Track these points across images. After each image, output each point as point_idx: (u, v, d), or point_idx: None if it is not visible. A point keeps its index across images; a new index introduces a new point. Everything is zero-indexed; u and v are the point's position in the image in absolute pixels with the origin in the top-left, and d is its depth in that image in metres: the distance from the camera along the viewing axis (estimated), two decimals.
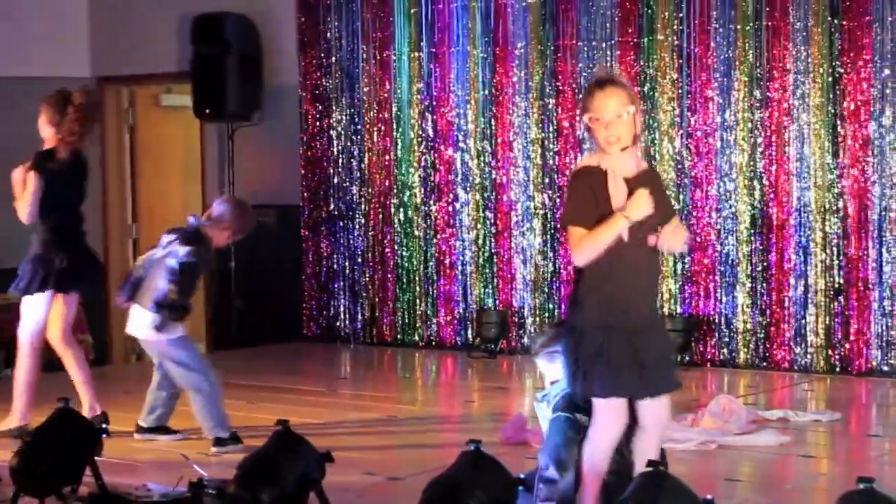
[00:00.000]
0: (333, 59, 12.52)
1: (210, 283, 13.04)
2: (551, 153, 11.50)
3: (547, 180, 11.52)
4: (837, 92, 10.26)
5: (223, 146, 12.96)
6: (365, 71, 12.40)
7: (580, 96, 10.84)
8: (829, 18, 10.26)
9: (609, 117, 5.32)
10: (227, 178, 12.88)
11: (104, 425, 7.19)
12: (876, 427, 8.78)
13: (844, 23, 10.22)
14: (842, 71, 10.24)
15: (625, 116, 5.33)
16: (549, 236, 11.50)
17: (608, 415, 5.38)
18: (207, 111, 12.46)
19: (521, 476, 5.58)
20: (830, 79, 10.28)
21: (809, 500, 6.21)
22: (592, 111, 5.34)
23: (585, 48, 11.27)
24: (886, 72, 10.09)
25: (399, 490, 6.63)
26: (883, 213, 10.13)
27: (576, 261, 5.36)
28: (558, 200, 11.41)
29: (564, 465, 5.63)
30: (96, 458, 6.50)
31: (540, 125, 11.54)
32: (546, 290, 11.53)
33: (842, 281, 10.26)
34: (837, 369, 10.30)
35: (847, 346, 10.28)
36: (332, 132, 12.57)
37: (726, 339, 10.74)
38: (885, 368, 10.16)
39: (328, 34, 12.52)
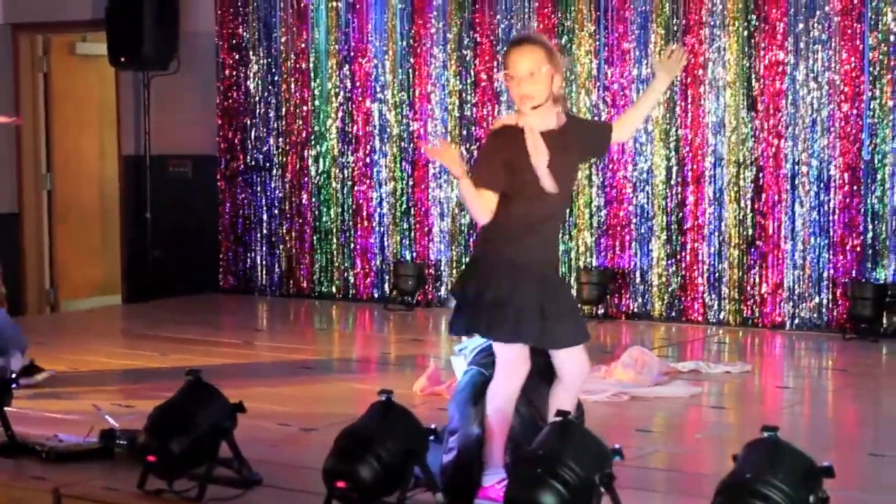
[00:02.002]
0: (250, 7, 12.41)
1: (126, 233, 12.95)
2: (469, 105, 11.48)
3: (465, 132, 11.51)
4: (753, 45, 10.33)
5: (139, 95, 12.82)
6: (282, 20, 12.30)
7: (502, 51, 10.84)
8: None
9: (521, 75, 5.32)
10: (142, 127, 12.75)
11: (13, 375, 7.10)
12: (785, 379, 8.88)
13: None
14: (757, 24, 10.29)
15: (538, 75, 5.33)
16: None
17: (511, 361, 5.39)
18: (123, 59, 12.32)
19: (433, 427, 5.58)
20: (746, 32, 10.33)
21: (718, 449, 6.27)
22: (507, 68, 5.35)
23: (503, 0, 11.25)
24: (801, 26, 10.16)
25: (312, 440, 6.63)
26: (796, 166, 10.22)
27: (477, 221, 5.39)
28: (476, 152, 11.41)
29: (471, 417, 5.64)
30: (5, 408, 6.45)
31: (458, 76, 11.51)
32: (463, 242, 11.54)
33: (754, 234, 10.36)
34: (750, 322, 10.40)
35: (759, 298, 10.39)
36: (248, 82, 12.48)
37: (641, 292, 10.82)
38: (797, 321, 10.28)
39: None
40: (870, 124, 10.00)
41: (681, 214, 10.65)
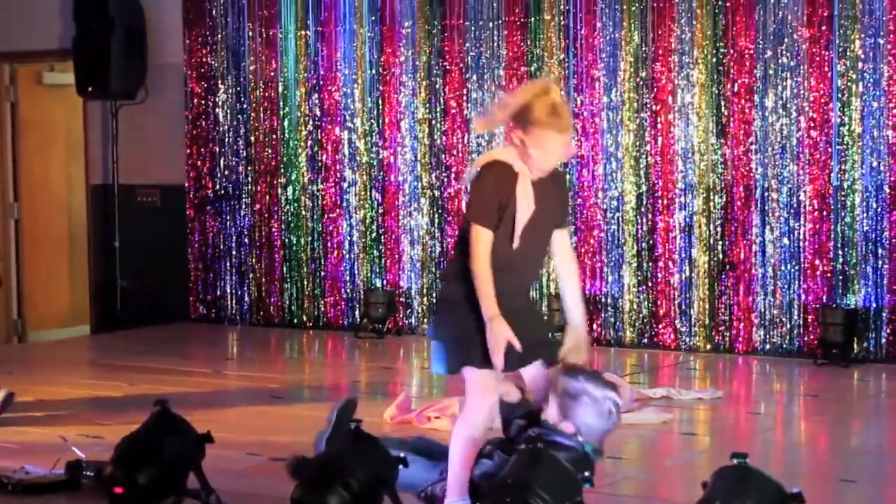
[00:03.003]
0: (219, 36, 12.39)
1: (94, 263, 12.88)
2: (439, 133, 11.48)
3: (434, 160, 11.50)
4: (721, 72, 10.35)
5: (107, 125, 12.77)
6: (251, 49, 12.28)
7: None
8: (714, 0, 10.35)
9: (559, 157, 5.33)
10: (110, 156, 12.70)
11: None
12: (757, 405, 8.87)
13: (728, 4, 10.30)
14: (725, 52, 10.32)
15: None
16: (436, 216, 11.48)
17: (484, 386, 5.32)
18: (90, 89, 12.26)
19: (402, 455, 5.55)
20: (714, 59, 10.36)
21: (689, 476, 6.25)
22: (539, 143, 5.20)
23: (472, 28, 11.25)
24: (769, 53, 10.19)
25: (281, 470, 6.57)
26: (766, 193, 10.24)
27: (470, 260, 5.27)
28: (446, 180, 11.40)
29: None
30: None
31: (427, 105, 11.51)
32: (433, 270, 11.52)
33: (725, 260, 10.37)
34: (721, 348, 10.40)
35: (730, 324, 10.39)
36: (217, 111, 12.44)
37: (612, 319, 10.81)
38: (768, 347, 10.28)
39: (213, 11, 12.37)
40: (839, 150, 10.03)
41: (651, 241, 10.65)
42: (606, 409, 5.28)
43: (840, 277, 10.05)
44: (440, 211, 11.47)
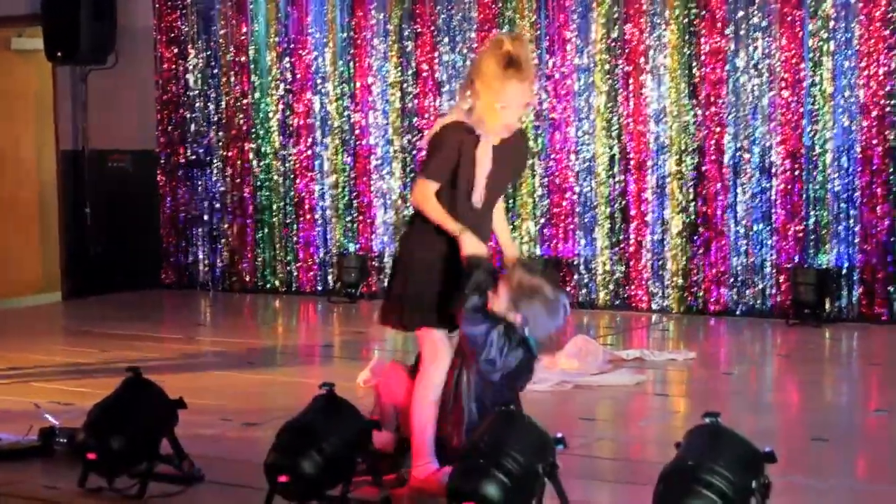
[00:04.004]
0: (189, 0, 12.30)
1: (65, 229, 12.81)
2: (410, 96, 11.44)
3: (406, 123, 11.47)
4: (693, 33, 10.33)
5: (76, 90, 12.69)
6: (221, 13, 12.20)
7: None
8: None
9: (519, 107, 5.26)
10: (80, 122, 12.62)
11: None
12: (729, 365, 8.89)
13: None
14: (697, 12, 10.30)
15: (525, 108, 5.33)
16: (408, 180, 11.45)
17: (440, 346, 5.38)
18: (59, 54, 12.16)
19: (376, 419, 5.55)
20: (686, 20, 10.34)
21: (662, 436, 6.26)
22: (499, 96, 5.18)
23: None
24: (741, 13, 10.17)
25: (255, 435, 6.57)
26: (737, 153, 10.24)
27: (413, 204, 5.34)
28: (418, 143, 11.37)
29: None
30: None
31: (399, 68, 11.46)
32: None
33: (697, 221, 10.37)
34: (694, 309, 10.42)
35: (703, 286, 10.41)
36: (188, 76, 12.38)
37: (585, 280, 10.81)
38: (740, 308, 10.30)
39: None
40: (810, 111, 10.03)
41: (624, 203, 10.65)
42: (558, 308, 5.29)
43: (812, 237, 10.07)
44: (412, 175, 11.44)
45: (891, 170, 9.81)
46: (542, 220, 10.90)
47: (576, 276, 10.82)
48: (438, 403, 5.38)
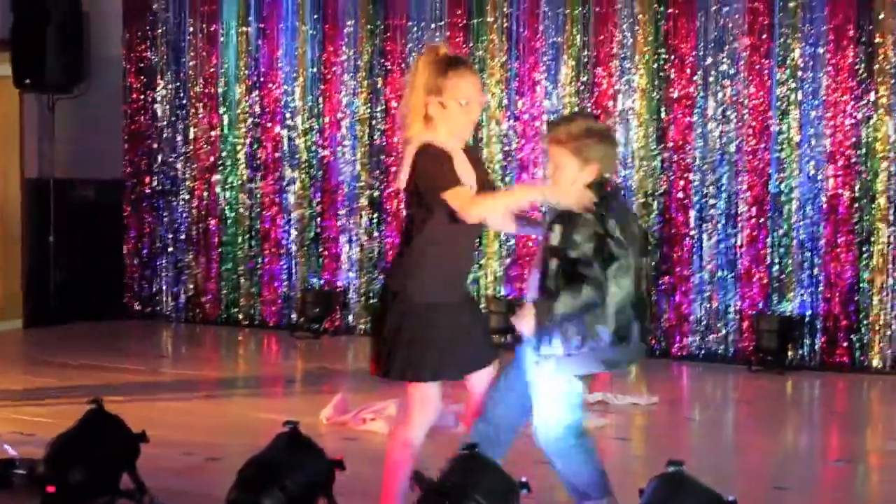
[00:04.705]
0: (159, 31, 12.30)
1: (27, 257, 12.73)
2: (379, 132, 11.45)
3: (374, 160, 11.47)
4: (662, 78, 10.39)
5: (43, 118, 12.63)
6: (191, 45, 12.20)
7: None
8: (655, 5, 10.38)
9: (479, 100, 5.20)
10: (46, 150, 12.56)
11: None
12: (692, 411, 8.90)
13: (670, 10, 10.34)
14: (666, 57, 10.36)
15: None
16: (375, 216, 11.45)
17: (430, 400, 5.22)
18: (27, 81, 12.11)
19: (339, 458, 5.52)
20: (655, 65, 10.40)
21: (624, 481, 6.24)
22: (458, 93, 5.12)
23: (415, 28, 11.24)
24: (710, 60, 10.24)
25: (217, 470, 6.54)
26: (704, 199, 10.28)
27: (470, 218, 5.13)
28: (385, 180, 11.38)
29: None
30: None
31: (368, 104, 11.48)
32: (371, 270, 11.49)
33: (662, 266, 10.41)
34: (657, 353, 10.43)
35: (667, 330, 10.43)
36: (156, 106, 12.35)
37: None
38: (704, 353, 10.32)
39: (154, 6, 12.28)
40: (777, 159, 10.09)
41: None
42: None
43: (776, 285, 10.11)
44: (379, 211, 11.44)
45: (855, 219, 9.88)
46: (508, 261, 10.91)
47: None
48: (416, 454, 5.24)
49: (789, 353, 10.00)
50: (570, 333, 5.00)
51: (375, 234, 11.50)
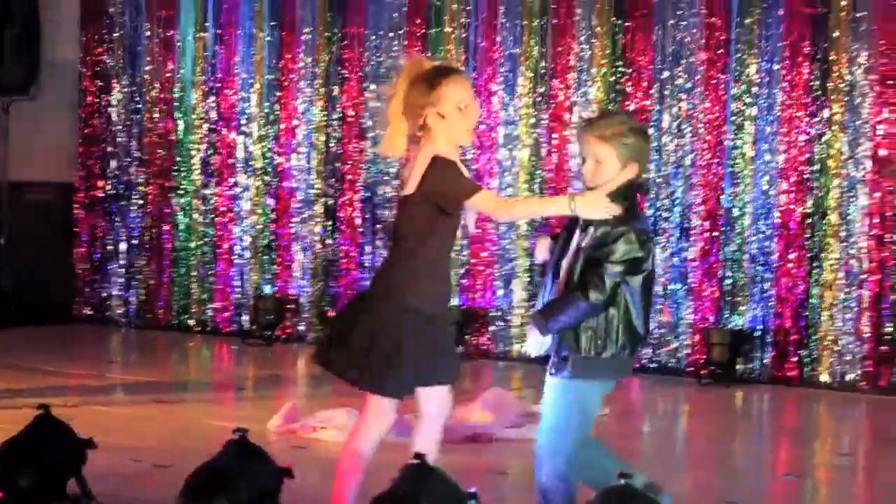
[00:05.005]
0: (116, 35, 12.24)
1: None
2: (335, 140, 11.44)
3: (329, 167, 11.46)
4: (619, 91, 10.43)
5: None
6: (148, 49, 12.15)
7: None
8: (613, 18, 10.41)
9: (475, 104, 5.21)
10: (0, 152, 12.48)
11: None
12: (644, 423, 8.93)
13: (627, 24, 10.38)
14: (623, 70, 10.40)
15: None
16: (330, 224, 11.43)
17: (385, 411, 5.24)
18: None
19: (288, 467, 5.49)
20: (612, 78, 10.43)
21: (575, 493, 6.26)
22: (455, 98, 5.10)
23: (373, 37, 11.23)
24: (666, 73, 10.28)
25: (165, 477, 6.49)
26: (658, 212, 10.32)
27: (501, 218, 5.13)
28: (340, 188, 11.37)
29: None
30: None
31: (324, 112, 11.46)
32: (324, 278, 11.47)
33: None
34: None
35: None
36: (111, 110, 12.29)
37: (502, 332, 10.83)
38: (654, 366, 10.35)
39: (111, 10, 12.23)
40: (731, 173, 10.14)
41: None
42: None
43: (727, 298, 10.16)
44: (333, 219, 11.42)
45: (807, 235, 9.93)
46: (462, 271, 10.91)
47: (492, 328, 10.83)
48: (367, 461, 5.26)
49: (738, 367, 10.04)
50: (582, 340, 5.02)
51: (329, 241, 11.47)
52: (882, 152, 9.79)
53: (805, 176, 9.94)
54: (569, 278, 5.08)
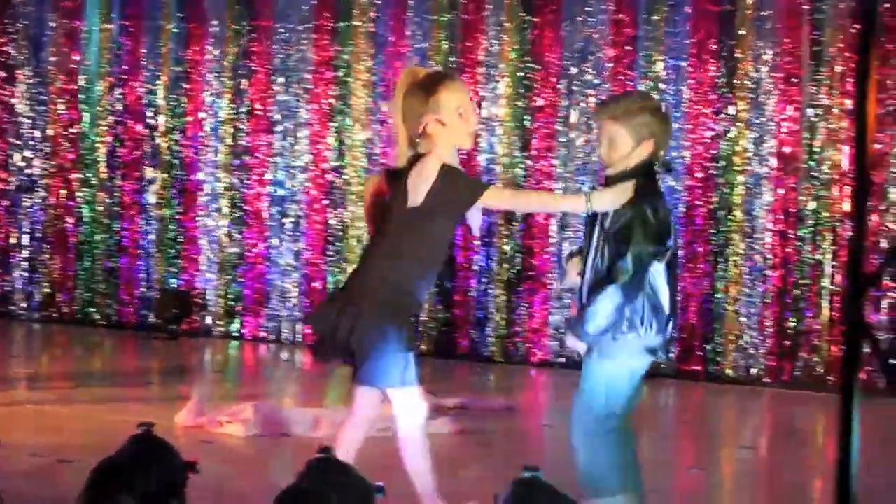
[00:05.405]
0: (20, 25, 12.07)
1: None
2: (242, 134, 11.36)
3: (237, 161, 11.38)
4: (527, 87, 10.45)
5: None
6: (52, 40, 11.99)
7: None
8: (522, 14, 10.44)
9: (472, 109, 5.25)
10: None
11: None
12: (549, 417, 8.96)
13: (536, 19, 10.42)
14: (532, 66, 10.43)
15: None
16: (236, 218, 11.36)
17: (374, 401, 5.48)
18: None
19: (193, 462, 5.45)
20: (521, 73, 10.46)
21: (481, 487, 6.27)
22: (454, 103, 5.15)
23: (281, 29, 11.17)
24: (574, 69, 10.32)
25: (68, 473, 6.42)
26: None
27: (519, 208, 5.24)
28: (247, 182, 11.30)
29: None
30: None
31: (232, 105, 11.38)
32: (230, 272, 11.39)
33: (523, 272, 10.46)
34: (516, 360, 10.48)
35: (526, 336, 10.49)
36: (14, 101, 12.12)
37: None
38: (562, 360, 10.39)
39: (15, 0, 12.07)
40: None
41: (450, 252, 10.68)
42: None
43: None
44: (240, 212, 11.35)
45: (712, 231, 10.03)
46: None
47: None
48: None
49: None
50: (608, 321, 5.05)
51: (236, 235, 11.40)
52: (786, 149, 9.91)
53: (710, 172, 10.03)
54: (597, 271, 5.10)
